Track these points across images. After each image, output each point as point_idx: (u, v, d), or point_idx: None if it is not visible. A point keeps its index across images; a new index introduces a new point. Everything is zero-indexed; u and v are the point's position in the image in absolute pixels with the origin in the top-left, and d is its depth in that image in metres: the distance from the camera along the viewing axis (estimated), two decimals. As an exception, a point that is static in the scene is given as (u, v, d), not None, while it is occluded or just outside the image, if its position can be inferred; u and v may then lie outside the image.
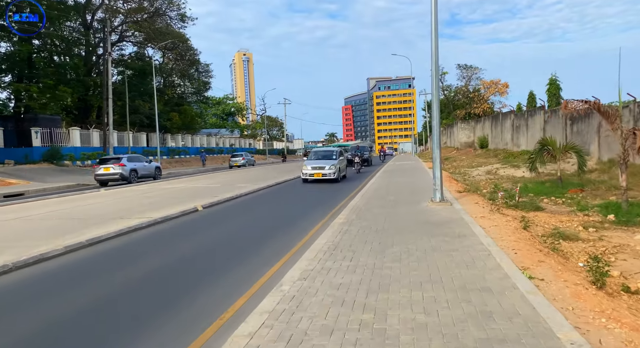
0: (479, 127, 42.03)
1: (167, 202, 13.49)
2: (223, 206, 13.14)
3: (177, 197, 15.30)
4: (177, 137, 49.33)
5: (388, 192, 13.94)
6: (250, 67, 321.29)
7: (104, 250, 7.53)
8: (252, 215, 11.67)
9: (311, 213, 10.90)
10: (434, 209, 9.81)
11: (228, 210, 12.46)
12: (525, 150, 27.53)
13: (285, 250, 6.98)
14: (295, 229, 8.86)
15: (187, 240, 8.37)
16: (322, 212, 10.91)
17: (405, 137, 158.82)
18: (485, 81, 68.94)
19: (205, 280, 5.57)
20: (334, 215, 10.12)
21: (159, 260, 6.84)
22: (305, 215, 10.64)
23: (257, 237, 8.43)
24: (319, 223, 9.35)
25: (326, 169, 19.30)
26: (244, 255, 6.85)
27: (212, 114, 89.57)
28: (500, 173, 20.51)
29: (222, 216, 11.42)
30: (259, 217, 11.17)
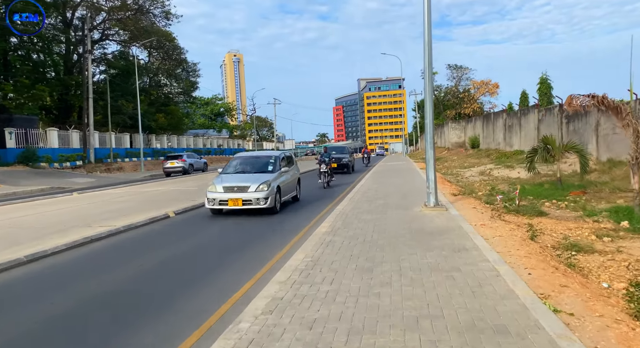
0: (470, 126, 41.35)
1: (140, 207, 12.37)
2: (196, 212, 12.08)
3: (153, 200, 14.18)
4: (163, 138, 48.00)
5: (377, 195, 12.98)
6: (241, 68, 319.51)
7: (40, 270, 6.43)
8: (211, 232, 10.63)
9: (288, 225, 9.89)
10: (429, 215, 8.85)
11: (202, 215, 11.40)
12: (518, 150, 26.80)
13: (250, 271, 5.96)
14: (267, 244, 7.85)
15: (143, 255, 7.31)
16: (296, 228, 9.90)
17: (396, 137, 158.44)
18: (476, 81, 68.51)
19: (144, 318, 4.52)
20: (318, 222, 9.13)
21: (96, 285, 5.74)
22: (279, 230, 9.63)
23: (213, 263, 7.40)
24: (300, 233, 8.34)
25: (251, 191, 10.75)
26: (200, 282, 5.82)
27: (200, 115, 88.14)
28: (495, 174, 19.68)
29: (197, 221, 10.37)
30: (224, 231, 10.13)
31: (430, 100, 9.41)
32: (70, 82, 36.70)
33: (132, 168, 37.65)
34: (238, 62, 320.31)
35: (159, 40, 54.23)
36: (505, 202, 10.70)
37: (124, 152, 39.09)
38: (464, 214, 8.85)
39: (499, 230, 7.27)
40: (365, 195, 12.99)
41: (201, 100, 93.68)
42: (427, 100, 9.44)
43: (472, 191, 13.91)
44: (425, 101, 9.47)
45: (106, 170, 34.12)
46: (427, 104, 9.45)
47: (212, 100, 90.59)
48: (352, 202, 11.79)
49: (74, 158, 32.03)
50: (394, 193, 13.14)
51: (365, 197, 12.75)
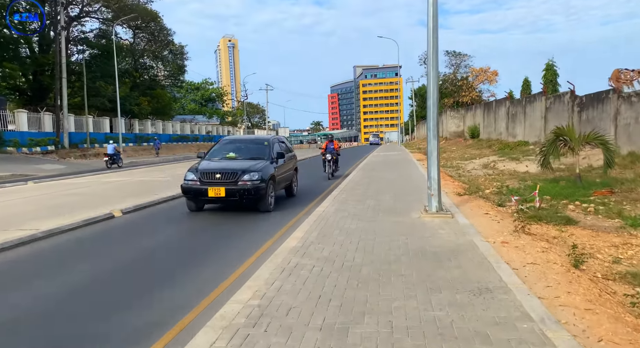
0: (470, 115, 39.40)
1: (89, 202, 10.32)
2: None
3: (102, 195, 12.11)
4: (147, 122, 45.62)
5: (367, 192, 11.02)
6: (235, 54, 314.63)
7: None
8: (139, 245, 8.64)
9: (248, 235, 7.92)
10: (431, 225, 6.91)
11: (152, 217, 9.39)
12: (522, 140, 24.91)
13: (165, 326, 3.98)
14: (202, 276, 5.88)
15: (46, 278, 5.31)
16: (260, 238, 7.93)
17: (392, 126, 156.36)
18: (475, 68, 66.30)
19: None
20: (291, 229, 7.18)
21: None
22: (225, 246, 7.66)
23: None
24: (261, 248, 6.36)
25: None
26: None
27: (190, 100, 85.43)
28: (500, 167, 17.77)
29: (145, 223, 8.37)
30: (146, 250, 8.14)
31: (435, 76, 7.41)
32: (45, 61, 34.15)
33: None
34: (233, 48, 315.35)
35: (143, 20, 51.60)
36: (521, 204, 8.81)
37: (103, 137, 36.80)
38: (475, 224, 6.92)
39: (528, 251, 5.34)
40: (353, 193, 11.03)
41: (192, 84, 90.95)
42: (430, 75, 7.42)
43: (478, 188, 11.99)
44: (429, 78, 7.46)
45: (81, 156, 31.91)
46: (430, 80, 7.44)
47: (202, 85, 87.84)
48: (336, 201, 9.83)
49: (46, 142, 29.77)
50: (387, 191, 11.19)
51: (353, 194, 10.78)
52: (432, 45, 7.42)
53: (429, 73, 7.40)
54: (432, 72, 7.37)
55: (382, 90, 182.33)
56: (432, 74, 7.37)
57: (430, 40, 7.42)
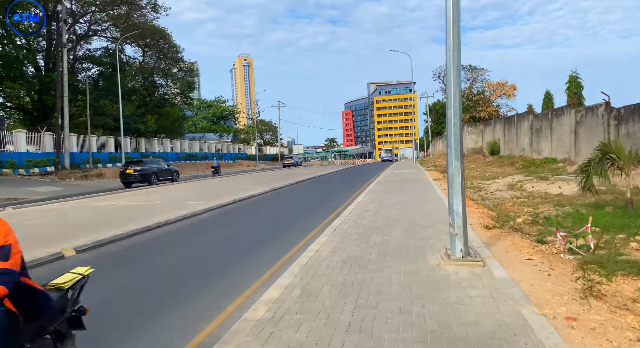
0: (489, 130, 37.32)
1: (50, 235, 8.68)
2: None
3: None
4: (153, 141, 44.60)
5: (374, 223, 9.17)
6: (250, 72, 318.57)
7: None
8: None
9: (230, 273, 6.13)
10: (456, 280, 5.03)
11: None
12: (549, 157, 22.80)
13: None
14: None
15: None
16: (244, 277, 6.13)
17: (406, 142, 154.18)
18: (492, 83, 64.53)
19: None
20: (268, 282, 5.39)
21: None
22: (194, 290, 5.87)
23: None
24: (209, 325, 4.54)
25: None
26: None
27: (202, 118, 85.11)
28: (527, 188, 15.73)
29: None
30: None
31: (456, 76, 5.63)
32: (48, 80, 33.45)
33: (114, 174, 34.16)
34: (248, 67, 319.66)
35: (152, 37, 51.28)
36: (570, 242, 6.87)
37: (107, 157, 35.76)
38: (518, 277, 5.01)
39: (614, 338, 3.42)
40: (357, 224, 9.19)
41: (204, 102, 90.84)
42: (450, 73, 5.65)
43: (508, 217, 10.04)
44: (448, 79, 5.69)
45: (82, 177, 30.76)
46: (450, 82, 5.66)
47: (214, 103, 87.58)
48: (336, 235, 8.02)
49: (45, 163, 28.70)
50: (398, 221, 9.32)
51: (357, 225, 8.95)
52: (452, 37, 5.66)
53: (449, 73, 5.63)
54: (452, 70, 5.60)
55: (396, 107, 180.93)
56: (453, 72, 5.60)
57: (450, 33, 5.67)
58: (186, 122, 72.54)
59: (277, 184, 21.82)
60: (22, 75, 33.89)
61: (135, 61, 52.41)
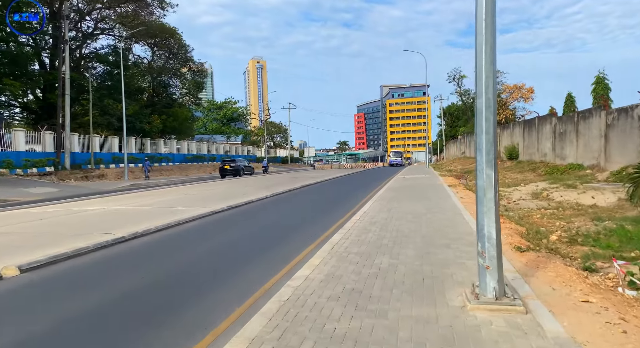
0: (507, 134, 35.52)
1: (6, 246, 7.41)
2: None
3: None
4: (159, 142, 43.63)
5: (380, 240, 7.72)
6: (264, 75, 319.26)
7: None
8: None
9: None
10: (492, 339, 3.56)
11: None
12: (574, 163, 21.06)
13: None
14: None
15: None
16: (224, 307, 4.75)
17: (419, 145, 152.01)
18: (508, 85, 62.46)
19: None
20: (229, 332, 3.99)
21: None
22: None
23: None
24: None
25: None
26: None
27: (212, 119, 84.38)
28: (555, 197, 14.10)
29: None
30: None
31: (492, 54, 4.18)
32: (50, 78, 32.64)
33: (117, 175, 33.26)
34: (261, 69, 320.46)
35: (162, 37, 50.55)
36: (631, 273, 5.35)
37: (110, 158, 34.81)
38: (580, 336, 3.52)
39: None
40: (360, 240, 7.75)
41: (214, 104, 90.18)
42: (482, 57, 4.20)
43: (539, 233, 8.52)
44: (480, 60, 4.24)
45: (83, 178, 29.79)
46: (482, 63, 4.21)
47: (225, 104, 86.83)
48: (333, 255, 6.60)
49: (44, 163, 27.78)
50: (410, 238, 7.86)
51: (359, 242, 7.51)
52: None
53: (481, 47, 4.18)
54: (485, 42, 4.15)
55: (409, 110, 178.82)
56: (486, 45, 4.15)
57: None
58: (196, 123, 71.80)
59: (281, 188, 20.47)
60: (26, 72, 33.15)
61: (144, 60, 51.72)
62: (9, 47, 30.57)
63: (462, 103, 73.89)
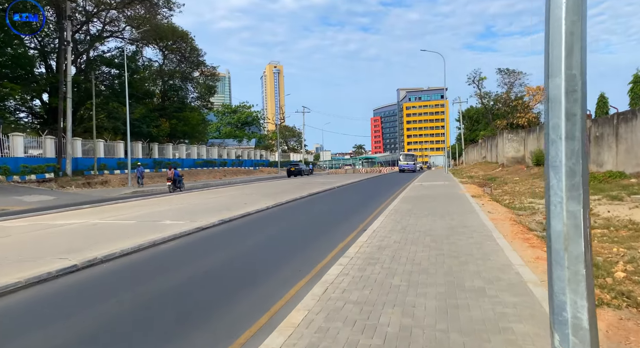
0: (532, 137, 33.19)
1: None
2: None
3: None
4: (167, 147, 42.46)
5: (389, 280, 5.87)
6: (280, 79, 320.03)
7: None
8: None
9: None
10: None
11: None
12: (614, 171, 18.80)
13: None
14: None
15: None
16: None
17: (437, 149, 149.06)
18: (531, 87, 59.74)
19: None
20: None
21: None
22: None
23: None
24: None
25: None
26: None
27: (226, 123, 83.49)
28: (601, 212, 11.98)
29: None
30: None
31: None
32: (53, 81, 31.69)
33: (121, 181, 32.02)
34: (278, 74, 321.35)
35: (173, 40, 49.69)
36: None
37: (115, 163, 33.68)
38: None
39: None
40: (363, 278, 5.92)
41: (229, 108, 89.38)
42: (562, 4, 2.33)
43: (597, 266, 6.56)
44: (555, 12, 2.38)
45: (85, 185, 28.60)
46: (561, 15, 2.35)
47: (239, 108, 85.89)
48: (322, 308, 4.78)
49: (43, 170, 26.67)
50: (429, 277, 5.99)
51: (361, 284, 5.68)
52: None
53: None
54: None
55: (426, 113, 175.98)
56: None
57: None
58: (210, 128, 70.88)
59: (285, 198, 18.73)
60: (31, 75, 32.31)
61: (154, 64, 50.87)
62: (13, 48, 29.69)
63: (482, 106, 71.20)
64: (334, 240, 9.32)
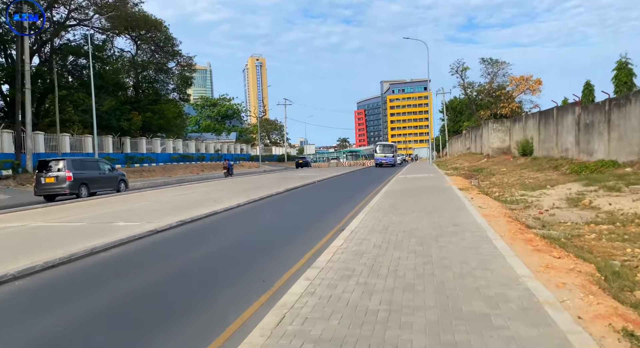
0: (518, 127, 32.31)
1: None
2: None
3: None
4: (141, 141, 40.45)
5: (366, 302, 4.56)
6: (263, 72, 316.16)
7: None
8: None
9: None
10: None
11: None
12: (605, 160, 17.86)
13: None
14: None
15: None
16: None
17: (421, 142, 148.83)
18: (515, 77, 59.09)
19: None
20: None
21: None
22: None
23: None
24: None
25: None
26: None
27: (206, 116, 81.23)
28: (601, 205, 10.90)
29: None
30: None
31: None
32: (10, 70, 29.48)
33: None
34: (260, 66, 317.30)
35: (147, 29, 47.45)
36: None
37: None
38: None
39: None
40: (332, 298, 4.60)
41: (208, 100, 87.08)
42: None
43: (617, 275, 5.36)
44: None
45: (47, 182, 26.61)
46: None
47: (219, 101, 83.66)
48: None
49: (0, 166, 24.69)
50: (416, 297, 4.71)
51: (328, 310, 4.36)
52: None
53: None
54: None
55: (410, 105, 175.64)
56: None
57: None
58: (188, 121, 68.64)
59: (260, 193, 17.32)
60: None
61: (126, 54, 48.57)
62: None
63: (466, 96, 70.56)
64: (307, 244, 8.00)
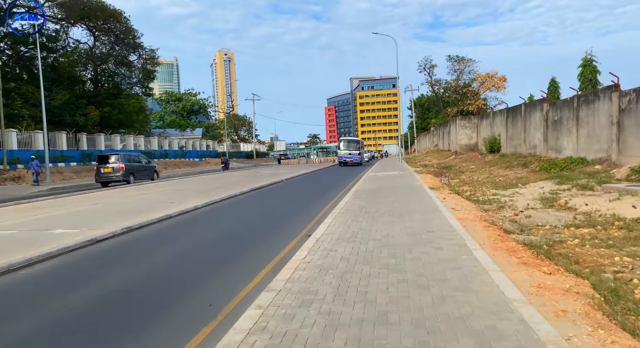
0: (485, 124, 32.35)
1: None
2: None
3: None
4: (99, 137, 38.26)
5: (329, 340, 3.70)
6: (231, 67, 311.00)
7: None
8: None
9: None
10: None
11: None
12: (574, 157, 17.75)
13: None
14: None
15: None
16: None
17: (390, 138, 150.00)
18: (480, 74, 59.72)
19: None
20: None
21: None
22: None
23: None
24: None
25: None
26: None
27: (170, 111, 78.54)
28: (577, 205, 10.47)
29: None
30: None
31: None
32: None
33: (40, 177, 28.00)
34: (229, 61, 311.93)
35: (105, 20, 45.10)
36: None
37: (30, 157, 29.45)
38: None
39: None
40: (286, 337, 3.70)
41: (173, 95, 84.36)
42: None
43: (615, 293, 4.73)
44: None
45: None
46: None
47: (184, 96, 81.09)
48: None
49: None
50: (390, 332, 3.89)
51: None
52: None
53: None
54: None
55: (379, 102, 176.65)
56: None
57: None
58: (152, 117, 66.07)
59: (222, 194, 16.23)
60: None
61: (83, 45, 46.00)
62: None
63: (433, 93, 71.00)
64: (267, 254, 7.09)
